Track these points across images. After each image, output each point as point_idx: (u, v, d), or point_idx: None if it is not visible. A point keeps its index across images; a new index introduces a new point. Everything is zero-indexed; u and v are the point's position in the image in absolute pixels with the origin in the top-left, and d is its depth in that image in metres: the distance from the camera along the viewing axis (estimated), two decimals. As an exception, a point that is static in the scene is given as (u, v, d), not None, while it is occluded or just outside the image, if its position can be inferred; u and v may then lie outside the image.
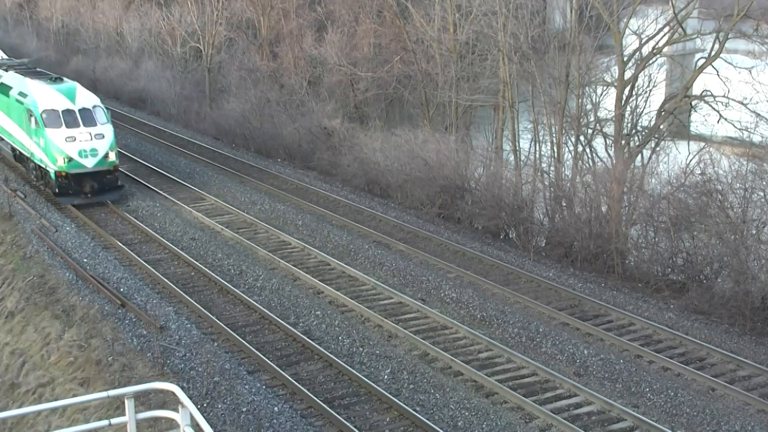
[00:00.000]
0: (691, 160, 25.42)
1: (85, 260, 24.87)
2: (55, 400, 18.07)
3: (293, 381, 17.25)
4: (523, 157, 31.66)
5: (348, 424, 15.60)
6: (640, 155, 28.11)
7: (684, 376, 17.76)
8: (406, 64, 38.49)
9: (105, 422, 7.39)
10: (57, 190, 28.76)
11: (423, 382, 17.43)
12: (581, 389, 16.96)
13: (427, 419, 15.75)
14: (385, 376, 17.67)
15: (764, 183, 22.08)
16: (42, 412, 17.67)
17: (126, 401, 7.36)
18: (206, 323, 20.44)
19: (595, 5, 29.69)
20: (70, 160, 28.19)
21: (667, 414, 16.53)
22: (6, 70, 34.53)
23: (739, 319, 20.10)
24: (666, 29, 28.90)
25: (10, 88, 32.21)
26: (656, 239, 24.17)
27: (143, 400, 15.86)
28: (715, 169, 23.62)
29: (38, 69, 36.67)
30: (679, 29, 28.64)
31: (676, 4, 28.21)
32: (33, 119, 29.08)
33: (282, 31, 46.39)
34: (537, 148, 31.04)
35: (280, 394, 17.23)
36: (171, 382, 16.91)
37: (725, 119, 27.16)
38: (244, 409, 16.74)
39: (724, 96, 27.16)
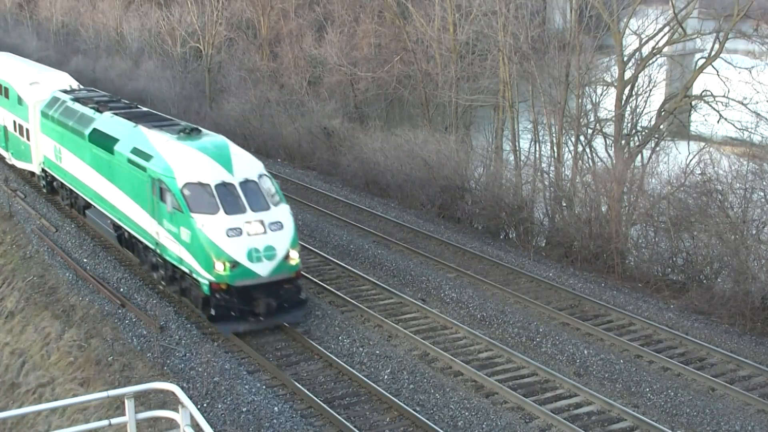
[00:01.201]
0: (691, 160, 25.42)
1: (85, 260, 24.87)
2: (55, 400, 18.08)
3: (293, 381, 17.25)
4: (523, 157, 31.67)
5: (348, 423, 15.59)
6: (640, 155, 28.12)
7: (684, 376, 17.75)
8: (406, 64, 38.52)
9: (105, 422, 7.39)
10: (213, 312, 18.79)
11: (423, 382, 17.43)
12: (581, 389, 16.95)
13: (427, 419, 15.75)
14: (385, 376, 17.67)
15: (764, 183, 22.08)
16: (42, 412, 17.68)
17: (126, 401, 7.36)
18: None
19: (595, 5, 29.71)
20: (235, 265, 18.26)
21: (667, 414, 16.53)
22: (98, 110, 24.97)
23: (739, 319, 20.10)
24: (666, 29, 28.92)
25: (114, 140, 22.48)
26: (656, 239, 24.17)
27: (143, 400, 15.86)
28: (715, 169, 23.62)
29: (146, 109, 27.10)
30: (679, 29, 28.66)
31: (676, 4, 28.22)
32: (166, 197, 19.40)
33: (282, 31, 46.40)
34: (537, 148, 31.05)
35: (280, 394, 17.23)
36: (171, 382, 16.91)
37: (725, 119, 27.18)
38: (244, 409, 16.74)
39: (724, 96, 27.18)
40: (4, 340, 22.41)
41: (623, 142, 28.34)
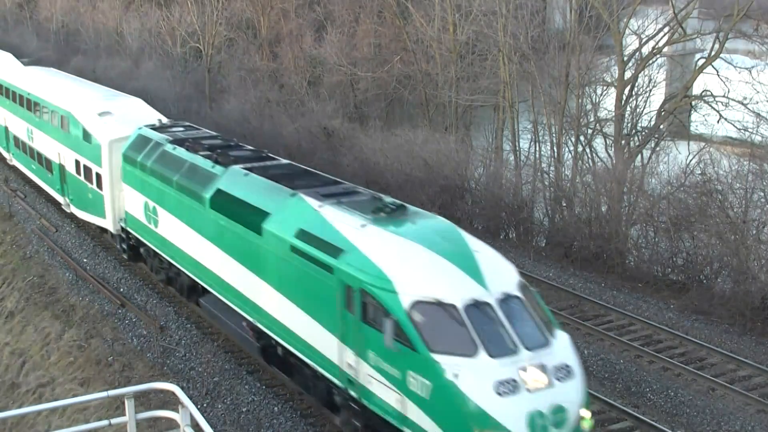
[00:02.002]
0: (691, 160, 25.43)
1: (85, 260, 24.88)
2: (55, 400, 18.08)
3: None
4: (523, 157, 31.67)
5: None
6: (640, 155, 28.12)
7: (684, 376, 17.75)
8: (406, 64, 38.50)
9: (105, 422, 7.39)
10: None
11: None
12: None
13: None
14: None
15: (764, 183, 22.07)
16: (42, 412, 17.68)
17: (126, 401, 7.37)
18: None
19: (595, 5, 29.72)
20: None
21: (667, 414, 16.53)
22: (218, 162, 18.41)
23: (739, 319, 20.10)
24: (666, 29, 28.92)
25: (260, 213, 15.97)
26: (656, 239, 24.17)
27: (143, 400, 15.86)
28: (715, 169, 23.62)
29: (286, 161, 19.68)
30: (679, 29, 28.67)
31: (676, 4, 28.22)
32: (379, 319, 12.56)
33: (282, 31, 46.38)
34: (537, 148, 31.05)
35: (280, 394, 17.22)
36: (171, 382, 16.91)
37: (725, 119, 27.19)
38: (244, 409, 16.74)
39: (724, 96, 27.19)
40: (4, 340, 22.41)
41: (623, 142, 28.34)
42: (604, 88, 30.28)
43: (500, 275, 12.79)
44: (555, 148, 29.45)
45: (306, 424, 16.09)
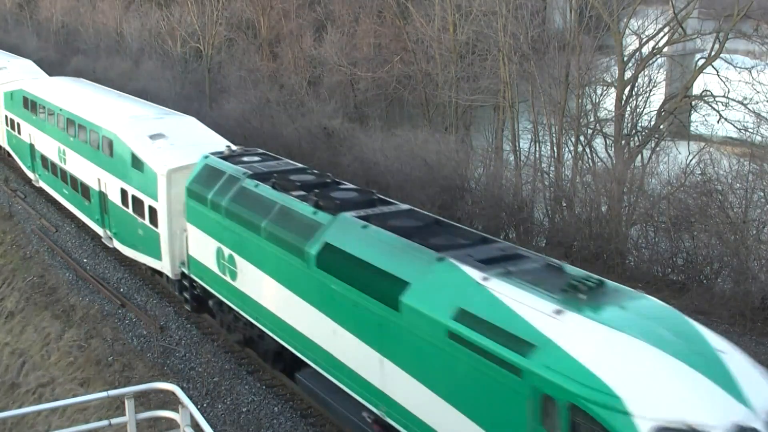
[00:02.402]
0: (691, 160, 25.42)
1: (85, 260, 24.88)
2: (55, 400, 18.09)
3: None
4: (523, 157, 31.66)
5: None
6: (640, 155, 28.11)
7: (684, 376, 17.70)
8: (406, 64, 38.49)
9: (105, 422, 7.39)
10: None
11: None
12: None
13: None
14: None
15: (764, 183, 22.07)
16: (42, 412, 17.68)
17: (126, 401, 7.37)
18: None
19: (595, 5, 29.71)
20: None
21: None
22: (320, 206, 15.29)
23: (739, 319, 20.09)
24: (666, 29, 28.91)
25: (395, 282, 12.68)
26: (656, 239, 24.17)
27: (143, 400, 15.86)
28: (715, 169, 23.61)
29: (406, 206, 15.82)
30: (679, 29, 28.65)
31: (676, 4, 28.21)
32: None
33: (282, 31, 46.38)
34: (537, 148, 31.03)
35: (280, 394, 17.22)
36: (171, 382, 16.91)
37: (725, 119, 27.18)
38: (244, 409, 16.75)
39: (724, 96, 27.18)
40: (4, 340, 22.41)
41: (623, 142, 28.33)
42: (604, 88, 30.26)
43: (763, 388, 9.55)
44: (555, 148, 29.44)
45: (306, 424, 16.09)
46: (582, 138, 29.18)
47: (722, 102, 27.07)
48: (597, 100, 29.92)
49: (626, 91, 28.37)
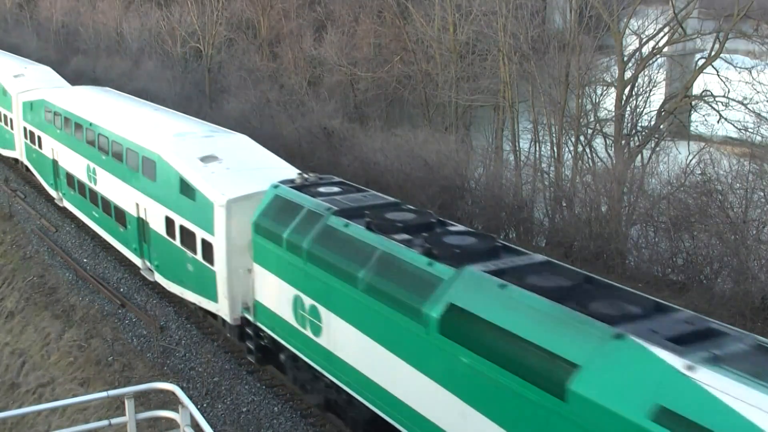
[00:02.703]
0: (691, 160, 25.42)
1: (85, 260, 24.88)
2: (55, 400, 18.09)
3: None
4: (523, 157, 31.67)
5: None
6: (640, 155, 28.12)
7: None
8: (406, 64, 38.50)
9: (105, 422, 7.38)
10: None
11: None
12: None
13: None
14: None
15: (764, 183, 22.07)
16: (42, 412, 17.68)
17: (126, 401, 7.36)
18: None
19: (595, 5, 29.71)
20: None
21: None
22: (446, 261, 12.50)
23: (739, 319, 20.06)
24: (666, 29, 28.92)
25: (567, 366, 9.92)
26: (656, 239, 24.17)
27: (143, 400, 15.86)
28: (715, 169, 23.62)
29: (588, 273, 12.40)
30: (679, 29, 28.65)
31: (676, 4, 28.22)
32: None
33: (282, 31, 46.38)
34: (537, 148, 31.04)
35: (280, 394, 17.22)
36: (171, 382, 16.92)
37: (725, 119, 27.19)
38: (244, 409, 16.75)
39: (724, 96, 27.19)
40: (4, 340, 22.41)
41: (623, 142, 28.33)
42: (604, 88, 30.27)
43: None
44: (555, 148, 29.45)
45: (306, 424, 16.09)
46: (582, 138, 29.19)
47: (722, 102, 27.08)
48: (597, 100, 29.93)
49: (626, 91, 28.38)
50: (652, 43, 28.84)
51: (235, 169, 18.68)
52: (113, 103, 26.68)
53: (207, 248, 17.92)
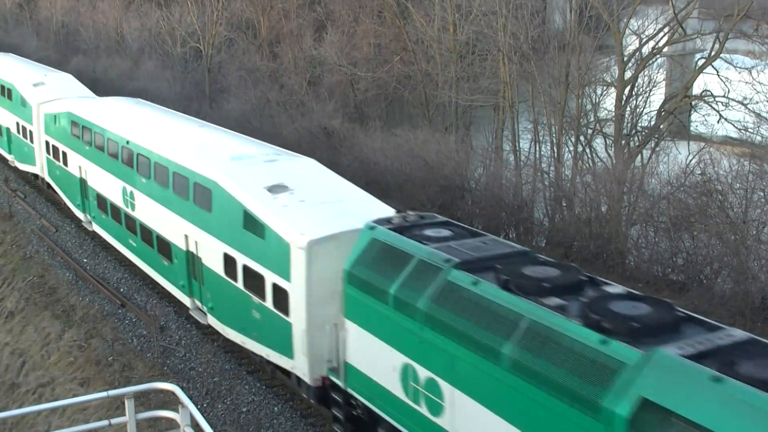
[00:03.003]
0: (691, 160, 25.43)
1: (85, 260, 24.88)
2: (55, 400, 18.10)
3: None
4: (523, 157, 31.67)
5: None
6: (640, 155, 28.12)
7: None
8: (406, 64, 38.51)
9: (105, 422, 7.38)
10: None
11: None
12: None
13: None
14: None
15: (764, 183, 22.07)
16: (42, 412, 17.69)
17: (126, 401, 7.37)
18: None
19: (595, 5, 29.71)
20: None
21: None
22: (627, 339, 9.75)
23: (739, 319, 20.07)
24: (666, 29, 28.92)
25: None
26: (656, 239, 24.17)
27: (143, 400, 15.87)
28: (715, 169, 23.62)
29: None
30: (679, 29, 28.65)
31: (676, 4, 28.22)
32: None
33: (282, 31, 46.39)
34: (537, 148, 31.04)
35: (280, 394, 17.22)
36: (171, 382, 16.92)
37: (725, 119, 27.19)
38: (244, 409, 16.75)
39: (724, 96, 27.19)
40: (4, 340, 22.41)
41: (623, 142, 28.34)
42: (604, 88, 30.28)
43: None
44: (555, 148, 29.45)
45: (306, 424, 16.09)
46: (582, 138, 29.19)
47: (722, 102, 27.09)
48: (597, 100, 29.94)
49: (626, 91, 28.38)
50: (652, 43, 28.85)
51: (312, 202, 16.12)
52: (151, 118, 24.43)
53: (280, 295, 15.37)
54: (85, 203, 25.80)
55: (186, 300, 19.73)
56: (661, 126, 28.58)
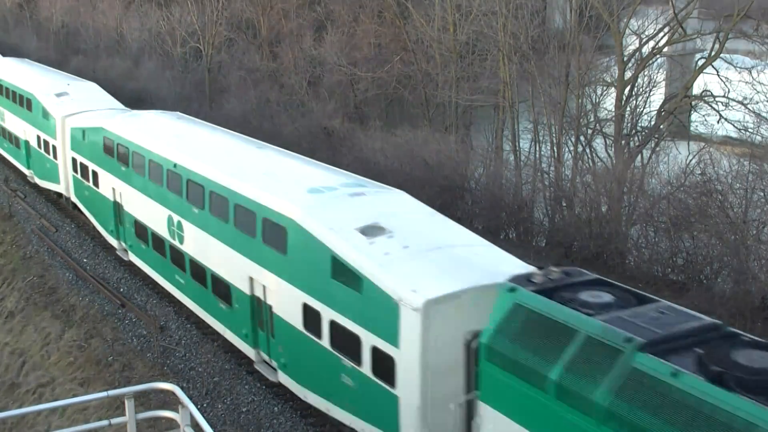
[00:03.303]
0: (691, 160, 25.43)
1: (85, 260, 24.87)
2: (55, 400, 18.10)
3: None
4: (523, 157, 31.67)
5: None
6: (640, 155, 28.12)
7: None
8: (406, 64, 38.51)
9: (105, 422, 7.39)
10: None
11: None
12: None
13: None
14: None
15: (764, 183, 22.08)
16: (42, 412, 17.69)
17: (126, 401, 7.37)
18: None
19: (595, 5, 29.72)
20: None
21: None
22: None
23: (739, 319, 20.07)
24: (666, 29, 28.93)
25: None
26: (656, 239, 24.17)
27: (143, 400, 15.87)
28: (715, 169, 23.63)
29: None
30: (679, 29, 28.65)
31: (676, 4, 28.21)
32: None
33: (282, 31, 46.41)
34: (537, 148, 31.04)
35: (280, 394, 17.22)
36: (171, 382, 16.92)
37: (725, 119, 27.20)
38: (244, 409, 16.75)
39: (724, 96, 27.20)
40: (4, 340, 22.41)
41: (623, 142, 28.35)
42: (604, 88, 30.29)
43: None
44: (555, 148, 29.45)
45: (306, 424, 16.09)
46: (582, 138, 29.19)
47: (722, 102, 27.10)
48: (597, 100, 29.94)
49: (626, 91, 28.39)
50: (652, 43, 28.85)
51: (417, 249, 13.52)
52: (200, 137, 21.74)
53: (383, 362, 12.87)
54: (120, 229, 23.36)
55: (249, 351, 17.20)
56: (661, 126, 28.59)
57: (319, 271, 14.23)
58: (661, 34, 28.99)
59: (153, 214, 20.70)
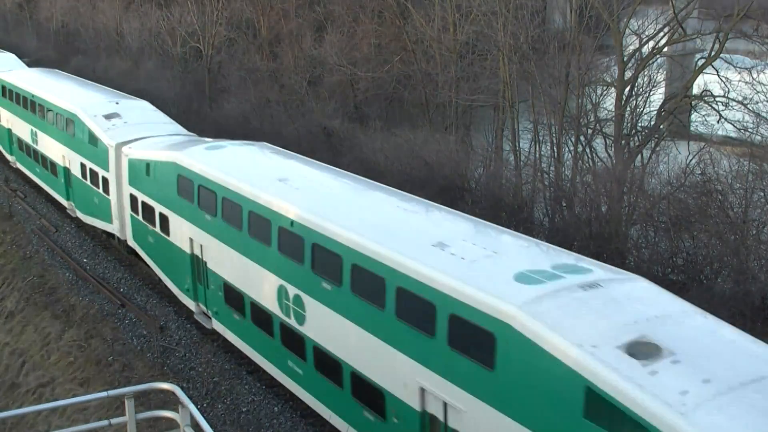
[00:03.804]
0: (691, 160, 25.44)
1: (85, 260, 24.87)
2: (55, 400, 18.11)
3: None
4: (523, 157, 31.67)
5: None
6: (640, 155, 28.13)
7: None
8: (406, 64, 38.51)
9: (105, 422, 7.39)
10: None
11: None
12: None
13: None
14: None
15: (764, 183, 22.08)
16: (42, 412, 17.70)
17: (126, 401, 7.37)
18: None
19: (595, 5, 29.72)
20: None
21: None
22: None
23: (739, 319, 20.07)
24: (666, 29, 28.92)
25: None
26: (656, 239, 24.17)
27: (143, 400, 15.88)
28: (715, 169, 23.63)
29: None
30: (679, 29, 28.65)
31: (676, 4, 28.21)
32: None
33: (282, 31, 46.41)
34: (537, 148, 31.05)
35: (280, 394, 17.22)
36: (171, 382, 16.94)
37: (725, 119, 27.19)
38: (244, 409, 16.75)
39: (724, 96, 27.20)
40: (4, 340, 22.42)
41: (623, 142, 28.34)
42: (604, 88, 30.28)
43: None
44: (555, 148, 29.45)
45: (306, 424, 16.09)
46: (582, 138, 29.19)
47: (722, 102, 27.09)
48: (597, 100, 29.94)
49: (626, 91, 28.38)
50: (652, 43, 28.85)
51: (726, 383, 9.59)
52: (323, 183, 17.14)
53: None
54: (200, 290, 19.16)
55: None
56: (661, 126, 28.58)
57: (560, 405, 10.00)
58: (661, 34, 28.99)
59: (256, 282, 16.52)
